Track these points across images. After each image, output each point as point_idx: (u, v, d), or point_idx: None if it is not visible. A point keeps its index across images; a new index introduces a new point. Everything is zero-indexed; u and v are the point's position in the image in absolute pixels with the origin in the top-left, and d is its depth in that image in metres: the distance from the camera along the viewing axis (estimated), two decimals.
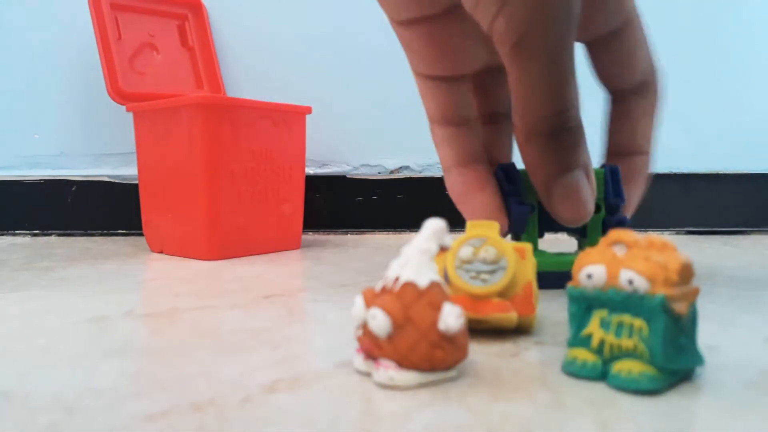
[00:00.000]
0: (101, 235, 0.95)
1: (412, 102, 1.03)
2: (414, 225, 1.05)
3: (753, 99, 0.96)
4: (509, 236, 0.54)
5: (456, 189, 0.51)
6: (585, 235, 0.53)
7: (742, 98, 0.96)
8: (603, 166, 0.53)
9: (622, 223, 0.51)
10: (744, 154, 0.96)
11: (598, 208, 0.53)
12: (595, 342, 0.30)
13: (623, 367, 0.29)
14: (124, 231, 0.94)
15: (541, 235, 0.55)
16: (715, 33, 0.96)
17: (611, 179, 0.52)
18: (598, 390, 0.29)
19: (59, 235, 0.95)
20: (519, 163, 0.61)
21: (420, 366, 0.29)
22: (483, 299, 0.35)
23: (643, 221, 0.92)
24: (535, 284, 0.37)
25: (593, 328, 0.30)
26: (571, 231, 0.54)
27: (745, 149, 0.97)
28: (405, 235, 0.95)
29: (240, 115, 0.72)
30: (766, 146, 0.97)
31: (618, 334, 0.30)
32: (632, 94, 0.50)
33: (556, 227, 0.55)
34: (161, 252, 0.76)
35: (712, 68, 0.96)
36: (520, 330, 0.38)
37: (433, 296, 0.29)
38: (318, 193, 0.95)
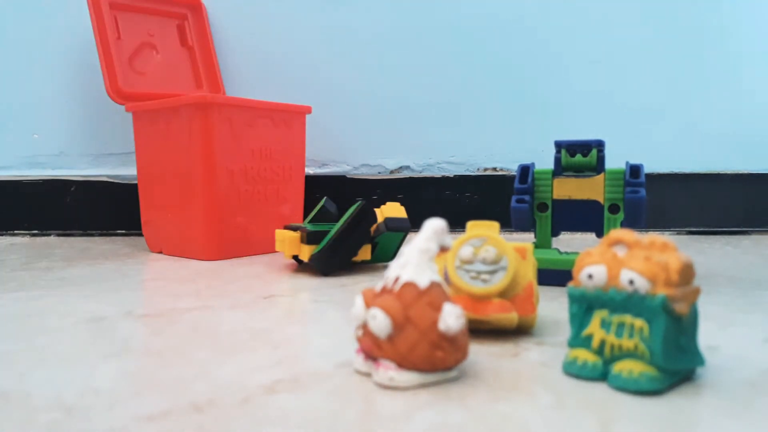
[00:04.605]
0: (100, 235, 0.94)
1: (413, 102, 1.04)
2: (414, 225, 1.04)
3: (753, 100, 0.96)
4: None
5: None
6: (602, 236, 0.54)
7: (743, 99, 0.96)
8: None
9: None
10: (744, 154, 0.96)
11: (617, 209, 0.54)
12: (595, 342, 0.30)
13: (624, 368, 0.29)
14: (124, 231, 0.94)
15: (555, 234, 0.56)
16: (715, 34, 0.96)
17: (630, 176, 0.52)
18: (599, 390, 0.29)
19: (58, 235, 0.94)
20: (539, 163, 0.62)
21: (420, 366, 0.29)
22: (483, 299, 0.35)
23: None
24: (535, 284, 0.37)
25: (594, 328, 0.30)
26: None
27: (745, 149, 0.97)
28: None
29: (239, 115, 0.72)
30: (766, 146, 0.97)
31: (619, 334, 0.29)
32: None
33: (572, 227, 0.56)
34: (160, 252, 0.76)
35: (713, 69, 0.96)
36: (520, 330, 0.38)
37: (434, 296, 0.29)
38: (318, 193, 0.95)
